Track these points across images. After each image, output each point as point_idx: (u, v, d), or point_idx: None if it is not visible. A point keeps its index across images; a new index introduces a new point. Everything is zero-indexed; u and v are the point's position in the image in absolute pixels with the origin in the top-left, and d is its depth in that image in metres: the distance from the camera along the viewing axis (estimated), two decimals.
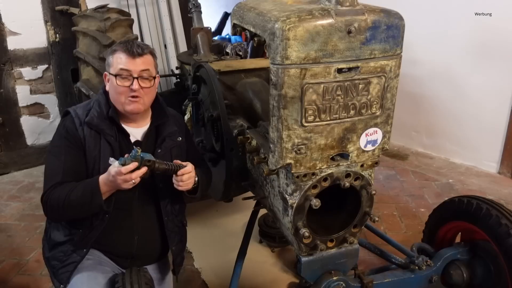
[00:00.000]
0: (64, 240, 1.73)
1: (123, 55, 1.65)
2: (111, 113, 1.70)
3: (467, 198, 2.01)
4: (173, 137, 1.82)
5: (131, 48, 1.65)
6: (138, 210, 1.78)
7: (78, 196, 1.58)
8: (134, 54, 1.65)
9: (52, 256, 1.74)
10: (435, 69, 3.93)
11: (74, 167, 1.66)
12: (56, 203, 1.59)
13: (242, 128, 1.98)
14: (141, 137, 1.78)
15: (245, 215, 2.55)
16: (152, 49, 1.75)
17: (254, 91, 2.21)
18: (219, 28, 3.89)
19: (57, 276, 1.70)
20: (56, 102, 4.13)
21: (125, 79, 1.65)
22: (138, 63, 1.65)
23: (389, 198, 3.36)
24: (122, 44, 1.70)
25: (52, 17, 3.92)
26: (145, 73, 1.67)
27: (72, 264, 1.68)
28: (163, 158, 1.72)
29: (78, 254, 1.70)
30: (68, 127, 1.69)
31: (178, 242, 1.89)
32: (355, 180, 1.60)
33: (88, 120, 1.68)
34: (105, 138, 1.69)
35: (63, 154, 1.66)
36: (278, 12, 1.39)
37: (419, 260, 1.97)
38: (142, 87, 1.66)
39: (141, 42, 1.75)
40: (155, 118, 1.82)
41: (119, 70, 1.65)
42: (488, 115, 3.68)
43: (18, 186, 3.67)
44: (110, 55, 1.70)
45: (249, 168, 2.01)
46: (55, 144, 1.72)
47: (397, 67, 1.48)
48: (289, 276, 2.48)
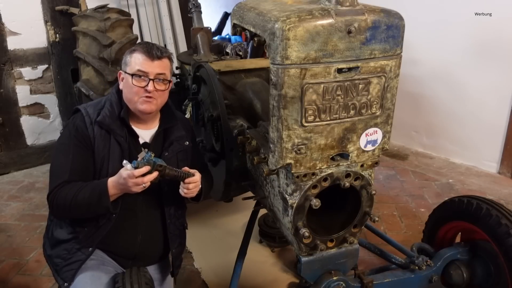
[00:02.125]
0: (67, 238, 1.72)
1: (142, 56, 1.67)
2: (123, 114, 1.71)
3: (467, 198, 2.01)
4: (181, 141, 1.83)
5: (150, 50, 1.67)
6: (143, 212, 1.78)
7: (85, 197, 1.58)
8: (153, 57, 1.66)
9: (55, 254, 1.74)
10: (435, 69, 3.93)
11: (81, 166, 1.66)
12: (62, 202, 1.60)
13: (242, 128, 1.98)
14: (149, 139, 1.79)
15: (245, 215, 2.55)
16: (170, 53, 1.77)
17: (254, 91, 2.21)
18: (219, 28, 3.88)
19: (60, 274, 1.70)
20: (56, 102, 4.13)
21: (141, 80, 1.66)
22: (155, 65, 1.67)
23: (389, 198, 3.36)
24: (142, 44, 1.72)
25: (52, 17, 3.92)
26: (161, 76, 1.69)
27: (77, 263, 1.68)
28: (170, 161, 1.73)
29: (83, 252, 1.69)
30: (78, 125, 1.69)
31: (178, 245, 1.90)
32: (355, 180, 1.60)
33: (100, 120, 1.68)
34: (115, 139, 1.69)
35: (71, 152, 1.66)
36: (278, 12, 1.39)
37: (419, 260, 1.97)
38: (156, 89, 1.68)
39: (160, 46, 1.76)
40: (164, 121, 1.82)
41: (136, 70, 1.66)
42: (488, 115, 3.68)
43: (18, 186, 3.67)
44: (129, 54, 1.71)
45: (249, 168, 2.01)
46: (63, 141, 1.72)
47: (397, 67, 1.48)
48: (289, 276, 2.48)
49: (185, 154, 1.86)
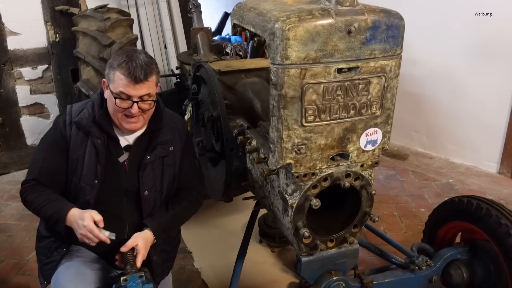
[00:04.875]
0: (47, 235, 1.74)
1: (125, 79, 1.56)
2: (98, 118, 1.66)
3: (467, 198, 2.01)
4: (165, 146, 1.76)
5: (133, 72, 1.54)
6: (127, 215, 1.74)
7: (46, 215, 1.63)
8: (137, 80, 1.56)
9: (40, 249, 1.76)
10: (435, 69, 3.93)
11: (51, 167, 1.67)
12: (29, 205, 1.66)
13: (242, 128, 1.98)
14: (133, 141, 1.75)
15: (245, 215, 2.55)
16: (154, 67, 1.64)
17: (254, 91, 2.21)
18: (219, 28, 3.88)
19: (42, 272, 1.73)
20: (56, 102, 4.13)
21: (124, 102, 1.60)
22: (139, 88, 1.58)
23: (389, 198, 3.36)
24: (125, 63, 1.56)
25: (52, 17, 3.92)
26: (146, 97, 1.61)
27: (52, 264, 1.69)
28: (152, 165, 1.72)
29: (58, 253, 1.70)
30: (58, 123, 1.70)
31: (160, 252, 1.79)
32: (355, 180, 1.60)
33: (77, 120, 1.66)
34: (91, 141, 1.66)
35: (45, 151, 1.69)
36: (278, 12, 1.39)
37: (419, 260, 1.97)
38: (141, 110, 1.63)
39: (145, 62, 1.58)
40: (151, 124, 1.76)
41: (119, 92, 1.58)
42: (488, 115, 3.68)
43: (18, 186, 3.62)
44: (112, 71, 1.59)
45: (249, 168, 2.01)
46: (44, 137, 1.75)
47: (397, 67, 1.48)
48: (289, 276, 2.48)
49: (172, 159, 1.79)
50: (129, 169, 1.72)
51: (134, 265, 1.56)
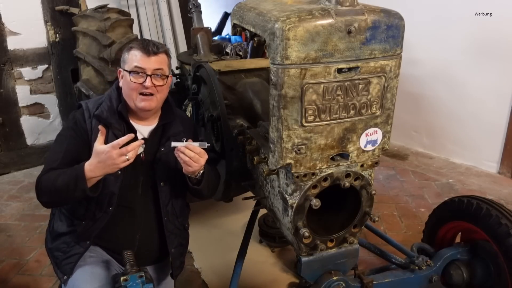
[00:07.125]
0: (67, 231, 1.75)
1: (138, 52, 1.69)
2: (121, 108, 1.73)
3: (467, 198, 2.01)
4: (178, 137, 1.81)
5: (146, 46, 1.69)
6: (141, 208, 1.79)
7: (64, 180, 1.57)
8: (149, 53, 1.68)
9: (55, 247, 1.76)
10: (435, 69, 3.93)
11: (74, 156, 1.67)
12: (45, 186, 1.61)
13: (242, 128, 1.98)
14: (148, 135, 1.80)
15: (245, 215, 2.55)
16: (167, 48, 1.79)
17: (254, 91, 2.21)
18: (219, 28, 3.88)
19: (60, 267, 1.71)
20: (56, 102, 4.13)
21: (138, 76, 1.68)
22: (152, 61, 1.68)
23: (389, 198, 3.36)
24: (139, 41, 1.74)
25: (52, 17, 3.92)
26: (159, 71, 1.70)
27: (75, 256, 1.69)
28: (167, 157, 1.75)
29: (81, 246, 1.72)
30: (77, 118, 1.73)
31: (178, 245, 1.88)
32: (355, 180, 1.60)
33: (98, 113, 1.71)
34: (113, 132, 1.70)
35: (65, 143, 1.70)
36: (278, 12, 1.39)
37: (419, 260, 1.97)
38: (155, 85, 1.69)
39: (157, 41, 1.79)
40: (163, 117, 1.84)
41: (133, 67, 1.68)
42: (488, 115, 3.68)
43: (18, 186, 3.67)
44: (126, 52, 1.73)
45: (249, 168, 2.01)
46: (61, 132, 1.77)
47: (397, 67, 1.48)
48: (289, 276, 2.48)
49: None
50: (145, 161, 1.77)
51: (134, 265, 1.57)
